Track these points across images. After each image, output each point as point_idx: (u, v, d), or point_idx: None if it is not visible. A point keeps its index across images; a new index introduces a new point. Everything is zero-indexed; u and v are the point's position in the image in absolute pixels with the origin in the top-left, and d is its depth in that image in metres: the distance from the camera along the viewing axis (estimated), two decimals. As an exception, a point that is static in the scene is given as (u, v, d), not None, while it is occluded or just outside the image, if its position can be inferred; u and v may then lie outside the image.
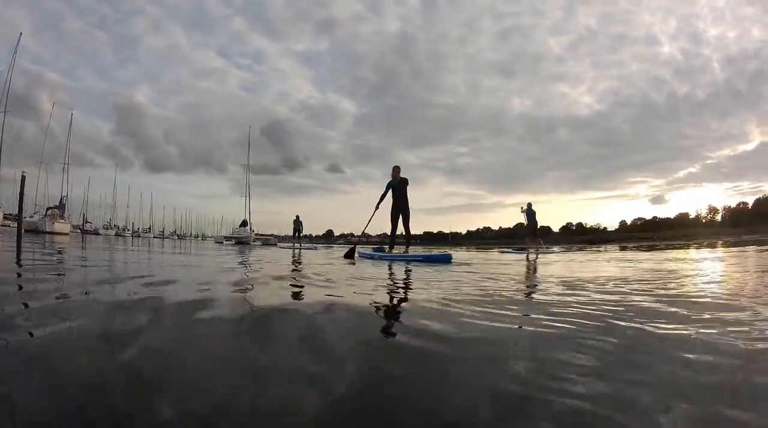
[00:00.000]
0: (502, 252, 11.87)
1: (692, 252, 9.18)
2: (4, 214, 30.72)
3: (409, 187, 7.28)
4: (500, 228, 66.42)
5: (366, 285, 2.89)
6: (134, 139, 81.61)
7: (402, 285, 2.96)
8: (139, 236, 47.89)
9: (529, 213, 12.02)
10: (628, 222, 65.54)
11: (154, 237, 49.76)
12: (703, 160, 76.65)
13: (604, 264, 5.62)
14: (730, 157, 70.33)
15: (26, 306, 1.64)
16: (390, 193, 7.22)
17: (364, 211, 7.56)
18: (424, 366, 1.03)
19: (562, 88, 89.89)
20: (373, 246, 7.69)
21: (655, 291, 2.36)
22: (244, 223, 33.59)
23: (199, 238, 65.07)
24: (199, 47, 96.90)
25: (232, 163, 68.18)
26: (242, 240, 28.93)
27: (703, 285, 2.84)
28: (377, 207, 7.30)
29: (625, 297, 2.17)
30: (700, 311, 1.74)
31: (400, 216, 7.14)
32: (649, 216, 64.58)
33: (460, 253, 10.59)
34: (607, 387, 0.87)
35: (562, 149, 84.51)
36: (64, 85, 71.95)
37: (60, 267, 3.55)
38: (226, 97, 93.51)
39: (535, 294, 2.54)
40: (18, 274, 2.93)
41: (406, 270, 4.24)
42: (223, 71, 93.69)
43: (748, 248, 10.11)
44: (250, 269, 4.18)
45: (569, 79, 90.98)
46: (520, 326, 1.55)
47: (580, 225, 69.57)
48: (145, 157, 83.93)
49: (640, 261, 5.94)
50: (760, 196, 52.77)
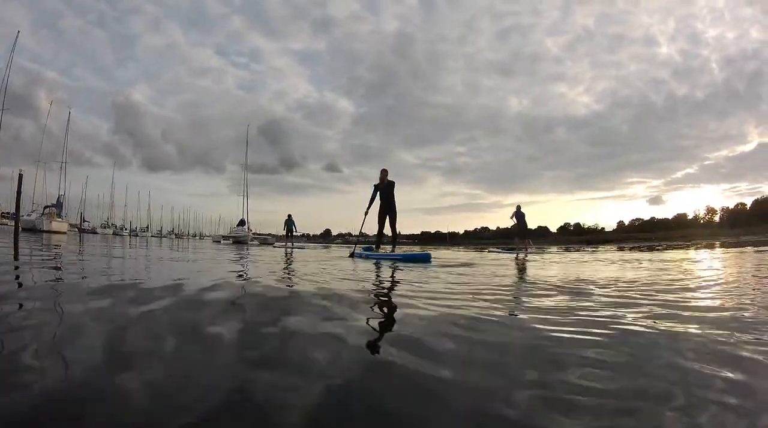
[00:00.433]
0: (491, 252, 12.12)
1: (694, 254, 9.08)
2: (2, 212, 30.86)
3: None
4: (498, 228, 66.70)
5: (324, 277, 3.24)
6: (132, 137, 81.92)
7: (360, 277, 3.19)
8: (137, 235, 48.02)
9: (518, 215, 12.32)
10: (626, 222, 65.81)
11: (152, 236, 49.90)
12: (701, 161, 76.97)
13: (584, 265, 5.69)
14: (729, 157, 70.73)
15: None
16: (378, 195, 7.48)
17: (361, 210, 7.82)
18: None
19: (560, 88, 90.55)
20: (363, 246, 7.95)
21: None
22: (242, 222, 33.74)
23: (197, 237, 65.20)
24: (197, 46, 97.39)
25: (230, 162, 68.49)
26: (240, 239, 29.05)
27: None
28: (366, 212, 7.59)
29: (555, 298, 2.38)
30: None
31: (387, 218, 7.44)
32: (646, 217, 64.85)
33: (453, 253, 10.81)
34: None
35: (560, 149, 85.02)
36: (62, 83, 72.25)
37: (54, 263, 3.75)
38: (224, 95, 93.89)
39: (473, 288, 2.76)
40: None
41: (377, 267, 4.53)
42: (221, 70, 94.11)
43: (747, 248, 10.31)
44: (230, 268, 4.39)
45: (567, 79, 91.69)
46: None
47: (578, 225, 69.92)
48: (143, 155, 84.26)
49: (627, 263, 5.84)
50: (759, 196, 53.08)
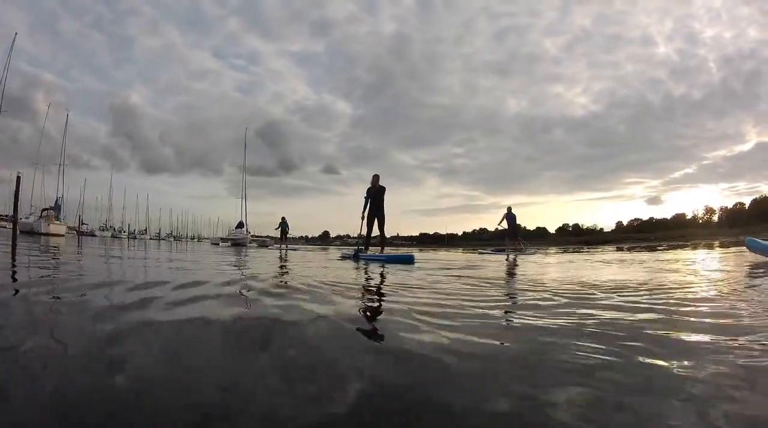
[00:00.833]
0: (481, 254, 12.30)
1: (697, 253, 8.95)
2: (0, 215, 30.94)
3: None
4: (496, 229, 66.54)
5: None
6: (130, 140, 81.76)
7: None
8: (135, 238, 48.03)
9: (509, 216, 12.51)
10: (625, 223, 65.77)
11: (150, 239, 49.93)
12: (699, 161, 76.60)
13: (574, 266, 5.55)
14: (727, 157, 70.42)
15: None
16: (369, 199, 7.87)
17: (358, 212, 7.96)
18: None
19: (557, 89, 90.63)
20: (355, 247, 8.27)
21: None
22: (241, 225, 33.92)
23: (195, 240, 65.27)
24: (195, 48, 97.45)
25: (228, 165, 68.42)
26: (238, 241, 29.18)
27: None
28: (363, 216, 7.97)
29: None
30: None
31: (376, 221, 7.80)
32: (645, 217, 64.80)
33: (445, 255, 10.98)
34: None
35: (558, 149, 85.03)
36: (60, 85, 72.05)
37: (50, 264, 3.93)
38: (222, 97, 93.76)
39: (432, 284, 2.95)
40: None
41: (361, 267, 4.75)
42: (219, 72, 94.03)
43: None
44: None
45: (565, 79, 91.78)
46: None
47: (576, 226, 69.94)
48: (141, 158, 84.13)
49: (619, 263, 5.72)
50: (757, 196, 52.94)
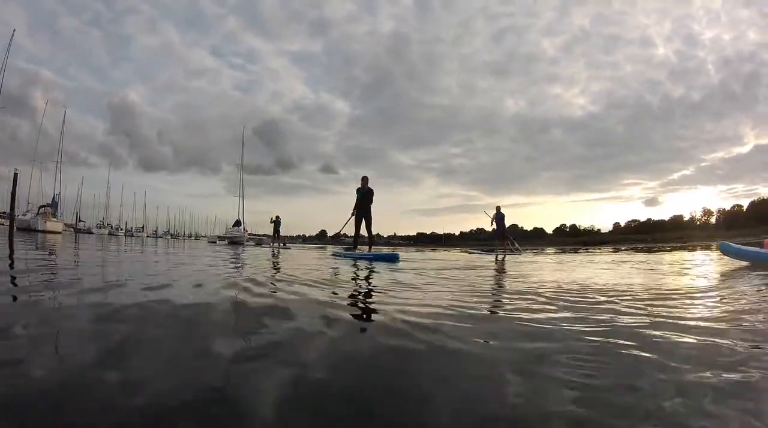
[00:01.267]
0: (471, 253, 12.54)
1: (696, 256, 8.98)
2: (-3, 212, 30.99)
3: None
4: (494, 229, 66.57)
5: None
6: (128, 138, 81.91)
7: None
8: (133, 235, 48.08)
9: (498, 216, 12.75)
10: (622, 224, 66.00)
11: (147, 237, 50.00)
12: (697, 162, 76.91)
13: (564, 267, 5.47)
14: (725, 159, 70.87)
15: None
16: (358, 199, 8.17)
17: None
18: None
19: (555, 89, 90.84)
20: (344, 247, 8.46)
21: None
22: (238, 223, 34.00)
23: (193, 238, 65.31)
24: (193, 47, 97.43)
25: (225, 163, 68.59)
26: (235, 240, 29.24)
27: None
28: (353, 213, 8.26)
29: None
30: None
31: (363, 221, 8.11)
32: (643, 219, 65.03)
33: (436, 254, 11.19)
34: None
35: (556, 150, 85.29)
36: (58, 83, 72.17)
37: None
38: (220, 96, 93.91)
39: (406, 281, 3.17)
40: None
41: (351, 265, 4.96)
42: (217, 71, 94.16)
43: None
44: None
45: (563, 80, 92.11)
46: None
47: (573, 226, 70.21)
48: (138, 156, 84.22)
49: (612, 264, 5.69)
50: (755, 198, 53.35)
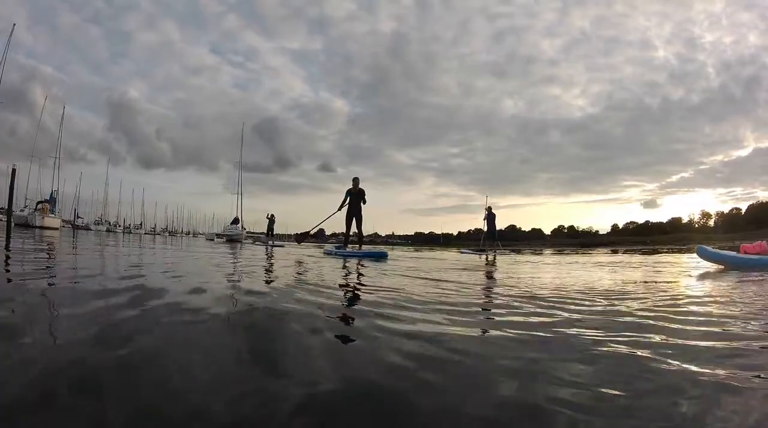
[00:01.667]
0: (462, 253, 12.75)
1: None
2: (-6, 207, 31.01)
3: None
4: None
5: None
6: (127, 135, 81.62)
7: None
8: (131, 232, 48.19)
9: (489, 217, 12.94)
10: (620, 226, 65.93)
11: (146, 234, 50.08)
12: (696, 165, 76.31)
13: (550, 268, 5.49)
14: (724, 162, 70.21)
15: None
16: (348, 199, 8.38)
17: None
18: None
19: (554, 91, 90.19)
20: (336, 245, 8.69)
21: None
22: (236, 221, 33.96)
23: (191, 235, 65.37)
24: (192, 44, 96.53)
25: (224, 161, 68.46)
26: (233, 237, 29.19)
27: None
28: (339, 208, 8.42)
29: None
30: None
31: (354, 220, 8.30)
32: (641, 221, 64.96)
33: (430, 253, 11.37)
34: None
35: (555, 151, 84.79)
36: (57, 79, 71.58)
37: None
38: (219, 94, 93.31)
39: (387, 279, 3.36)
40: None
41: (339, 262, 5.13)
42: (216, 68, 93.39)
43: None
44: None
45: (562, 81, 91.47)
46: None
47: (571, 228, 70.28)
48: (137, 153, 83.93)
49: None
50: (753, 202, 53.07)
